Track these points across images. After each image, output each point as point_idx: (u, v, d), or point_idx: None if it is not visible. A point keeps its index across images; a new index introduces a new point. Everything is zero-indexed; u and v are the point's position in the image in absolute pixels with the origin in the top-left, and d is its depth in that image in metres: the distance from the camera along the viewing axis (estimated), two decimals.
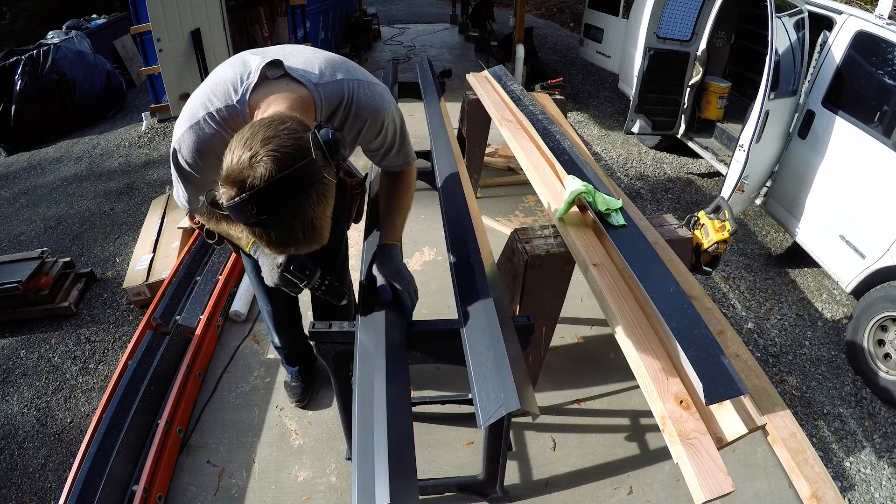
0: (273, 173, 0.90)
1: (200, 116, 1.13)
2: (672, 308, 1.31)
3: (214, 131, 1.13)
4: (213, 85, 1.15)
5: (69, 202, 5.09)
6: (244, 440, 2.17)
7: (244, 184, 0.91)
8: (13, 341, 3.34)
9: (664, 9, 4.68)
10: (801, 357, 3.26)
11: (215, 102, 1.13)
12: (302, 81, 1.15)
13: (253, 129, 0.94)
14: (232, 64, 1.19)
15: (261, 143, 0.92)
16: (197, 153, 1.15)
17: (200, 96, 1.15)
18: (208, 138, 1.13)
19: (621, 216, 1.66)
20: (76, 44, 6.96)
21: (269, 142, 0.92)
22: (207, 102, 1.13)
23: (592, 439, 2.17)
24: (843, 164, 3.36)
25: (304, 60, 1.20)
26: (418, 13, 12.19)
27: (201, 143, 1.14)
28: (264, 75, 1.13)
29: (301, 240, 0.98)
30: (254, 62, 1.15)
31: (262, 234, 0.97)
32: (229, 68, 1.17)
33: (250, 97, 1.12)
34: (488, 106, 2.86)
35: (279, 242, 0.98)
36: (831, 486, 1.14)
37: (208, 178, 1.20)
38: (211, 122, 1.13)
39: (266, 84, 1.13)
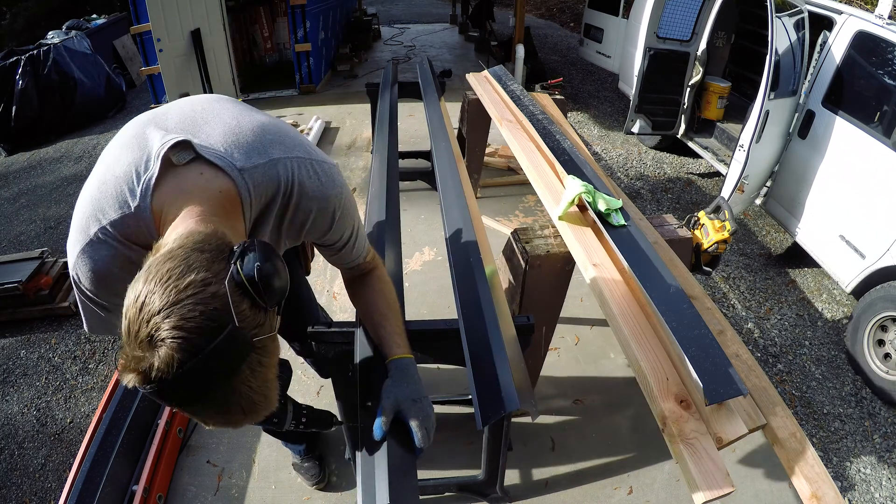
0: (181, 362, 0.65)
1: (92, 234, 0.85)
2: (672, 308, 1.31)
3: (112, 250, 0.86)
4: (101, 186, 0.86)
5: (69, 202, 5.09)
6: (244, 440, 2.16)
7: (147, 375, 0.66)
8: (13, 341, 3.34)
9: (664, 9, 4.68)
10: (801, 357, 3.26)
11: (108, 213, 0.85)
12: (221, 166, 0.86)
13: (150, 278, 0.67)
14: (126, 143, 0.90)
15: (162, 314, 0.65)
16: (98, 279, 0.88)
17: (88, 205, 0.87)
18: (107, 261, 0.87)
19: (621, 216, 1.66)
20: (76, 44, 6.96)
21: (171, 309, 0.65)
22: (98, 213, 0.85)
23: (592, 439, 2.16)
24: (843, 164, 3.36)
25: (223, 131, 0.91)
26: (418, 13, 12.19)
27: (99, 269, 0.87)
28: (168, 161, 0.84)
29: (241, 419, 0.74)
30: (154, 141, 0.86)
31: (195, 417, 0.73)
32: (123, 154, 0.88)
33: (152, 198, 0.83)
34: (488, 106, 2.86)
35: (216, 425, 0.75)
36: (831, 486, 1.14)
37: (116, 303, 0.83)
38: (106, 239, 0.85)
39: (173, 174, 0.84)
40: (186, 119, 0.93)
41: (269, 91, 6.49)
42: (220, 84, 5.99)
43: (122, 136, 0.93)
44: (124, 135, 0.93)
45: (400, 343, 1.13)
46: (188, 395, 0.68)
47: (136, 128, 0.93)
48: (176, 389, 0.67)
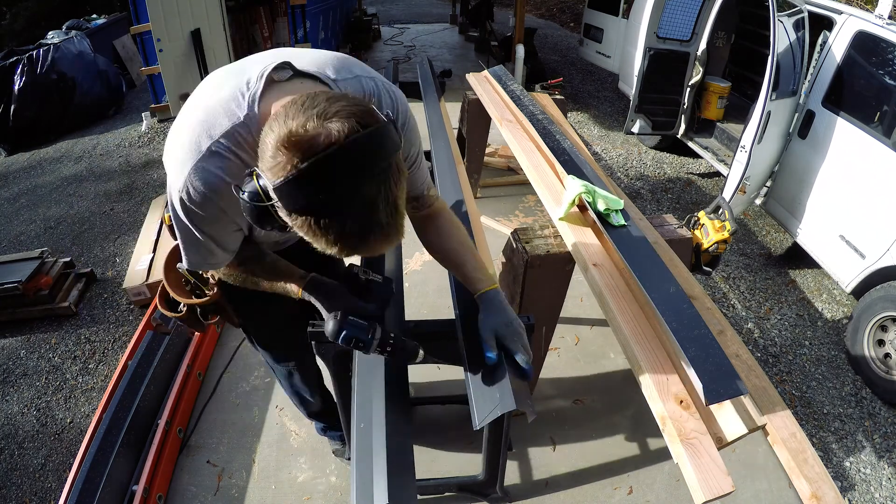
0: (355, 128, 0.72)
1: (204, 148, 0.90)
2: (672, 308, 1.31)
3: (227, 161, 0.91)
4: (206, 110, 0.93)
5: (69, 202, 5.09)
6: (244, 440, 2.17)
7: (315, 142, 0.70)
8: (13, 341, 3.34)
9: (664, 9, 4.68)
10: (801, 357, 3.26)
11: (219, 127, 0.90)
12: (320, 78, 0.96)
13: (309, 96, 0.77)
14: (219, 82, 0.97)
15: (326, 102, 0.74)
16: (211, 192, 0.92)
17: (196, 127, 0.92)
18: (222, 170, 0.91)
19: (621, 216, 1.66)
20: (76, 44, 6.96)
21: (336, 101, 0.75)
22: (209, 129, 0.90)
23: (592, 439, 2.17)
24: (843, 164, 3.36)
25: (310, 58, 1.01)
26: (418, 13, 12.18)
27: (213, 179, 0.91)
28: (270, 79, 0.93)
29: (385, 225, 0.77)
30: (253, 70, 0.95)
31: (328, 225, 0.74)
32: (219, 85, 0.96)
33: (260, 106, 0.90)
34: (488, 106, 2.86)
35: (358, 232, 0.76)
36: (831, 486, 1.14)
37: (224, 219, 0.99)
38: (219, 151, 0.90)
39: (275, 88, 0.92)
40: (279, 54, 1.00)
41: None
42: None
43: (213, 79, 1.01)
44: (216, 77, 1.01)
45: (482, 277, 1.20)
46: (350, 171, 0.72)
47: (227, 70, 1.01)
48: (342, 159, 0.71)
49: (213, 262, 1.09)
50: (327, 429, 2.03)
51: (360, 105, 0.76)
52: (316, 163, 0.71)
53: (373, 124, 0.74)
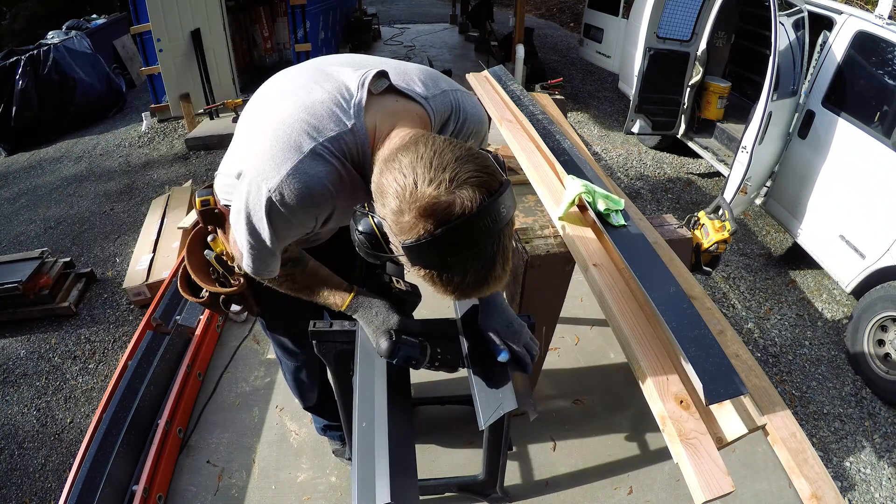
0: (485, 198, 0.74)
1: (307, 149, 0.88)
2: (672, 308, 1.31)
3: (329, 165, 0.89)
4: (305, 109, 0.91)
5: (69, 202, 5.09)
6: (244, 440, 2.17)
7: (448, 214, 0.73)
8: (13, 341, 3.34)
9: (664, 9, 4.68)
10: (801, 357, 3.26)
11: (324, 130, 0.89)
12: (411, 96, 0.98)
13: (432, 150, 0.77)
14: (305, 86, 0.95)
15: (457, 164, 0.75)
16: (309, 195, 0.89)
17: (292, 124, 0.89)
18: (322, 173, 0.89)
19: (621, 216, 1.66)
20: (76, 44, 6.96)
21: (467, 162, 0.76)
22: (311, 131, 0.88)
23: (592, 439, 2.16)
24: (843, 164, 3.36)
25: (397, 72, 1.01)
26: (418, 13, 12.19)
27: (315, 182, 0.89)
28: (369, 90, 0.93)
29: (499, 276, 0.81)
30: (350, 77, 0.94)
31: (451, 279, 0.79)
32: (309, 90, 0.94)
33: (366, 118, 0.91)
34: (488, 106, 2.86)
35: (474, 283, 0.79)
36: (831, 486, 1.14)
37: (307, 225, 0.99)
38: (324, 154, 0.89)
39: (374, 101, 0.93)
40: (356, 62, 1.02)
41: None
42: (219, 84, 6.00)
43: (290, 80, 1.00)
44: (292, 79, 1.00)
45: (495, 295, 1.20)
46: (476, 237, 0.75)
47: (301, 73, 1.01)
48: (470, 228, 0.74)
49: (273, 268, 1.06)
50: (327, 428, 2.03)
51: (486, 171, 0.78)
52: (448, 230, 0.74)
53: (497, 188, 0.77)
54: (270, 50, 7.46)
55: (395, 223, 0.77)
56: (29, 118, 6.36)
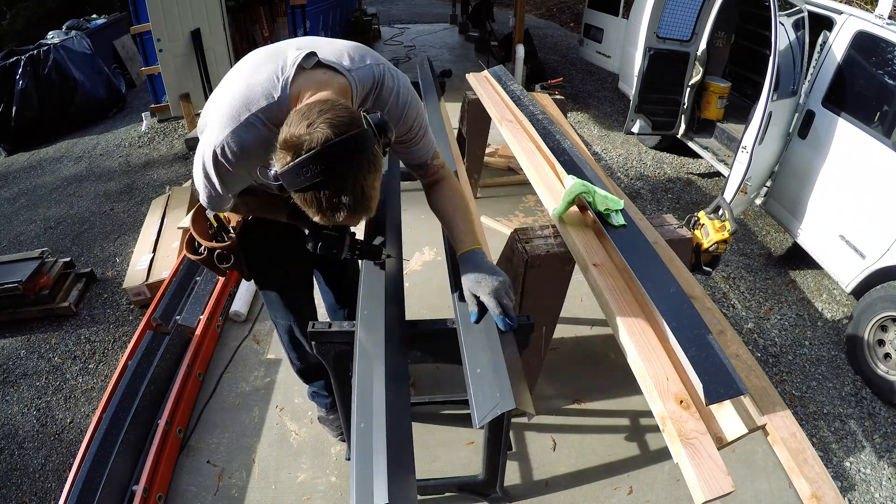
0: (330, 137, 0.96)
1: (244, 118, 1.13)
2: (672, 308, 1.31)
3: (258, 130, 1.14)
4: (246, 86, 1.16)
5: (69, 202, 5.09)
6: (244, 440, 2.17)
7: (301, 147, 0.96)
8: (13, 341, 3.34)
9: (664, 9, 4.68)
10: (801, 357, 3.26)
11: (257, 103, 1.14)
12: (337, 69, 1.20)
13: (309, 105, 1.02)
14: (258, 64, 1.21)
15: (317, 114, 0.98)
16: (241, 153, 1.16)
17: (237, 98, 1.15)
18: (253, 137, 1.15)
19: (621, 216, 1.66)
20: (76, 44, 6.96)
21: (325, 113, 0.99)
22: (248, 104, 1.14)
23: (592, 439, 2.17)
24: (843, 164, 3.36)
25: (331, 49, 1.25)
26: (418, 13, 12.18)
27: (246, 143, 1.15)
28: (300, 67, 1.16)
29: (350, 205, 1.01)
30: (289, 56, 1.18)
31: (312, 199, 1.00)
32: (259, 68, 1.19)
33: (290, 89, 1.14)
34: (488, 106, 2.86)
35: (329, 206, 1.01)
36: (831, 486, 1.14)
37: (245, 176, 1.25)
38: (255, 123, 1.14)
39: (303, 74, 1.17)
40: (303, 44, 1.24)
41: None
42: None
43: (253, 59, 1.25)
44: (254, 58, 1.25)
45: (465, 239, 1.36)
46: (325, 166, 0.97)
47: (265, 52, 1.26)
48: (319, 158, 0.96)
49: (222, 205, 1.34)
50: (315, 395, 2.13)
51: (342, 116, 0.99)
52: (303, 160, 0.97)
53: (349, 132, 0.98)
54: None
55: (276, 160, 1.01)
56: (29, 118, 6.35)
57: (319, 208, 1.01)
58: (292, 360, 1.98)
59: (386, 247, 1.48)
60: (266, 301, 1.83)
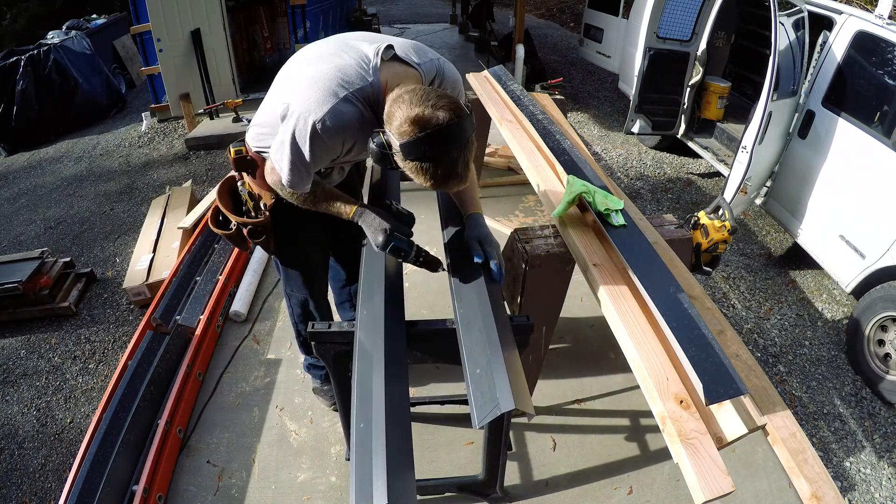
0: (453, 119, 1.16)
1: (342, 95, 1.28)
2: (672, 308, 1.31)
3: (355, 107, 1.30)
4: (338, 70, 1.31)
5: (69, 202, 5.09)
6: (244, 440, 2.17)
7: (429, 124, 1.14)
8: (13, 341, 3.34)
9: (664, 9, 4.67)
10: (801, 357, 3.26)
11: (354, 83, 1.30)
12: (409, 63, 1.38)
13: (425, 91, 1.20)
14: (338, 53, 1.37)
15: (437, 98, 1.17)
16: (340, 125, 1.30)
17: (330, 77, 1.30)
18: (352, 112, 1.30)
19: (621, 216, 1.66)
20: (76, 44, 6.96)
21: (443, 98, 1.18)
22: (345, 83, 1.29)
23: (592, 439, 2.16)
24: (843, 164, 3.36)
25: (399, 45, 1.42)
26: (418, 13, 12.18)
27: (345, 117, 1.29)
28: (381, 58, 1.34)
29: (459, 174, 1.21)
30: (367, 48, 1.36)
31: (428, 168, 1.18)
32: (341, 56, 1.35)
33: (380, 76, 1.32)
34: (488, 106, 2.86)
35: (443, 175, 1.19)
36: (831, 486, 1.14)
37: (336, 150, 1.38)
38: (352, 100, 1.29)
39: (384, 64, 1.34)
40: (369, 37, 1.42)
41: None
42: (220, 84, 5.99)
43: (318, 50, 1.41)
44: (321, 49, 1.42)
45: (473, 204, 1.60)
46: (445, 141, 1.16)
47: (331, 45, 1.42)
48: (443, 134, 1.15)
49: (306, 184, 1.43)
50: (312, 367, 2.24)
51: (455, 102, 1.19)
52: (428, 135, 1.15)
53: (461, 115, 1.18)
54: (270, 50, 7.45)
55: (396, 132, 1.18)
56: (29, 118, 6.36)
57: (434, 176, 1.19)
58: (300, 332, 2.08)
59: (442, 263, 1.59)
60: (285, 275, 1.93)
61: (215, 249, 3.32)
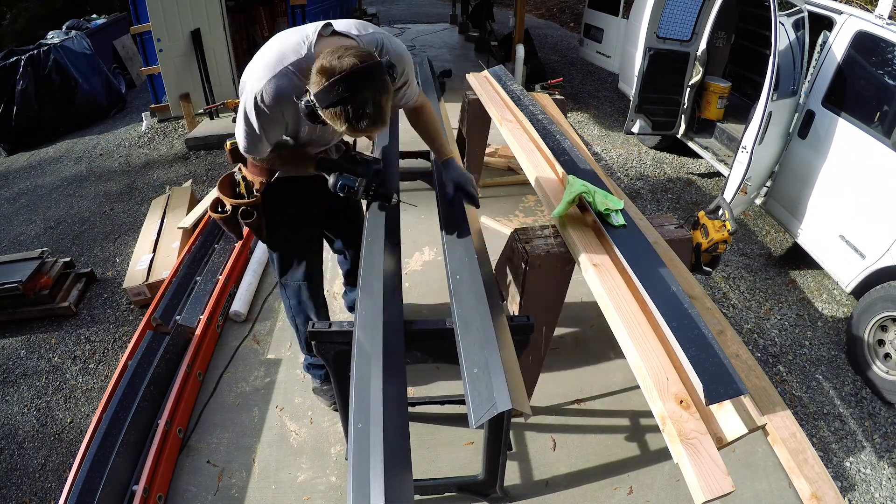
0: (356, 63, 1.27)
1: (279, 69, 1.43)
2: (672, 308, 1.31)
3: (290, 79, 1.44)
4: (280, 48, 1.48)
5: (69, 202, 5.09)
6: (244, 440, 2.17)
7: (334, 71, 1.26)
8: (13, 341, 3.34)
9: (664, 9, 4.67)
10: (801, 357, 3.26)
11: (290, 57, 1.45)
12: (348, 35, 1.52)
13: (337, 46, 1.33)
14: (286, 35, 1.53)
15: (344, 50, 1.30)
16: (277, 97, 1.44)
17: (272, 55, 1.47)
18: (287, 84, 1.44)
19: (621, 216, 1.66)
20: (76, 44, 6.97)
21: (350, 49, 1.30)
22: (282, 59, 1.45)
23: (592, 439, 2.16)
24: (843, 164, 3.36)
25: (343, 24, 1.57)
26: (418, 13, 12.19)
27: (281, 89, 1.44)
28: (320, 34, 1.48)
29: (370, 114, 1.30)
30: (309, 28, 1.51)
31: (340, 112, 1.29)
32: (288, 37, 1.51)
33: (314, 49, 1.45)
34: (488, 106, 2.86)
35: (354, 117, 1.29)
36: (831, 486, 1.14)
37: (279, 120, 1.53)
38: (287, 73, 1.43)
39: (322, 40, 1.48)
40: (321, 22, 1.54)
41: None
42: (220, 84, 5.99)
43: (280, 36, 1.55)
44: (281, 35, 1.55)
45: (445, 151, 1.85)
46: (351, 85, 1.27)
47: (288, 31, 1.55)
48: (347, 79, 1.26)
49: (260, 150, 1.60)
50: (311, 367, 2.26)
51: (363, 52, 1.31)
52: (334, 80, 1.27)
53: (367, 61, 1.29)
54: None
55: (311, 86, 1.31)
56: (29, 118, 6.36)
57: (346, 119, 1.29)
58: (297, 326, 2.10)
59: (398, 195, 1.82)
60: (278, 263, 1.98)
61: (215, 249, 3.32)
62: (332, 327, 1.47)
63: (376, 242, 1.65)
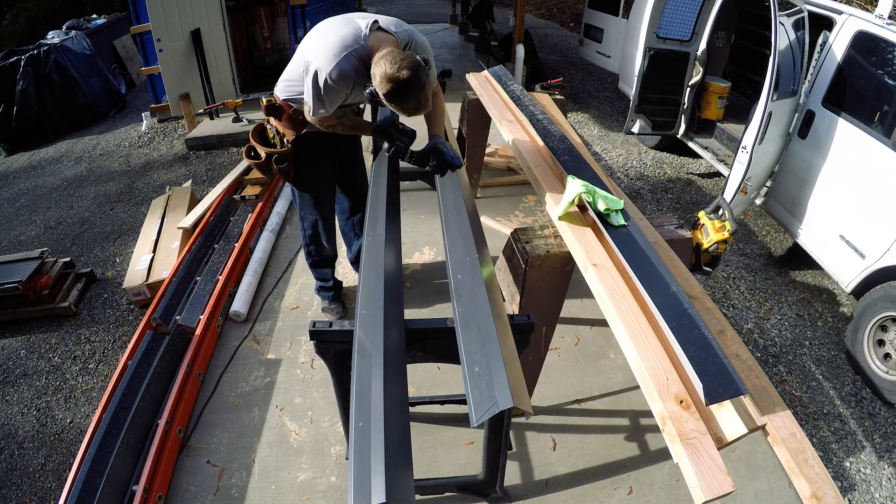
0: (412, 73, 1.72)
1: (344, 54, 1.84)
2: (672, 308, 1.31)
3: (352, 62, 1.86)
4: (340, 37, 1.87)
5: (69, 202, 5.09)
6: (244, 440, 2.17)
7: (397, 79, 1.71)
8: (13, 341, 3.34)
9: (664, 9, 4.67)
10: (801, 357, 3.26)
11: (351, 46, 1.85)
12: (389, 31, 1.95)
13: (393, 53, 1.76)
14: (338, 25, 1.94)
15: (401, 60, 1.73)
16: (342, 76, 1.86)
17: (336, 42, 1.86)
18: (349, 67, 1.85)
19: (621, 216, 1.66)
20: (76, 44, 6.97)
21: (405, 59, 1.73)
22: (346, 46, 1.85)
23: (592, 439, 2.17)
24: (843, 164, 3.36)
25: (384, 21, 1.98)
26: (418, 13, 12.17)
27: (345, 70, 1.85)
28: (371, 29, 1.90)
29: (421, 105, 1.79)
30: (361, 22, 1.92)
31: (400, 106, 1.76)
32: (341, 26, 1.92)
33: (368, 42, 1.87)
34: (488, 106, 2.86)
35: (410, 108, 1.78)
36: (831, 486, 1.14)
37: (342, 93, 1.94)
38: (351, 57, 1.85)
39: (372, 34, 1.89)
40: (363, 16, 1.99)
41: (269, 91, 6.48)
42: (219, 84, 5.99)
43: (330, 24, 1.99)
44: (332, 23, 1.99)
45: (438, 129, 2.23)
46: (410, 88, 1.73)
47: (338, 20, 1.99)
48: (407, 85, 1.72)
49: (324, 112, 1.99)
50: (322, 289, 2.78)
51: (414, 60, 1.74)
52: (396, 87, 1.72)
53: (418, 69, 1.73)
54: (270, 50, 7.44)
55: (378, 87, 1.76)
56: (29, 118, 6.36)
57: (406, 109, 1.78)
58: (309, 252, 2.61)
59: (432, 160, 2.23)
60: (300, 199, 2.45)
61: (215, 249, 3.32)
62: (334, 326, 1.47)
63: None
